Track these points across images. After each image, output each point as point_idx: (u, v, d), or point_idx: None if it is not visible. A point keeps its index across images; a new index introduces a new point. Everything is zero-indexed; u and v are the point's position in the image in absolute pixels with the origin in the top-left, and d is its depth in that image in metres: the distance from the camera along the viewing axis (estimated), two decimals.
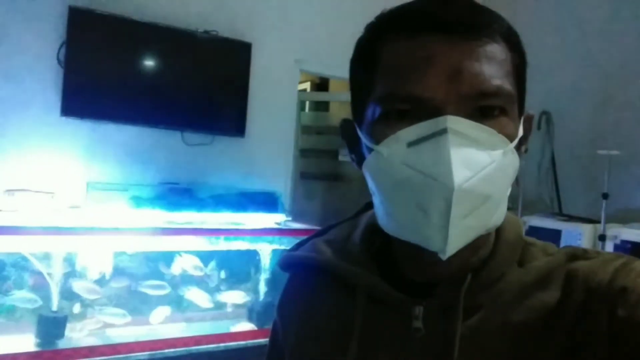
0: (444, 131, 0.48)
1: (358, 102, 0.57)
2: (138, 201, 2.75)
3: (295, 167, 3.82)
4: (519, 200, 3.31)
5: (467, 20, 0.50)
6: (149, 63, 2.95)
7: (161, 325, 2.70)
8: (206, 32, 3.06)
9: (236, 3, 3.24)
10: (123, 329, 2.58)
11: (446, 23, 0.50)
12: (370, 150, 0.53)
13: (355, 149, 0.58)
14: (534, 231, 3.04)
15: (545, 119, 3.43)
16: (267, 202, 3.11)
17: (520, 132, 0.54)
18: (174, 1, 3.04)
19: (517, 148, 0.53)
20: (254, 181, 3.27)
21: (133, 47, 2.89)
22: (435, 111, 0.49)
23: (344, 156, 4.04)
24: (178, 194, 2.93)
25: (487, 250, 0.56)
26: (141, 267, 2.71)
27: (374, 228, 0.59)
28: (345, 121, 0.61)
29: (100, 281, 2.56)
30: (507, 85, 0.51)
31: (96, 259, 2.58)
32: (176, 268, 2.74)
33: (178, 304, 2.82)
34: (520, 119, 0.55)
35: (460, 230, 0.48)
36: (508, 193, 0.54)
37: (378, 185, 0.54)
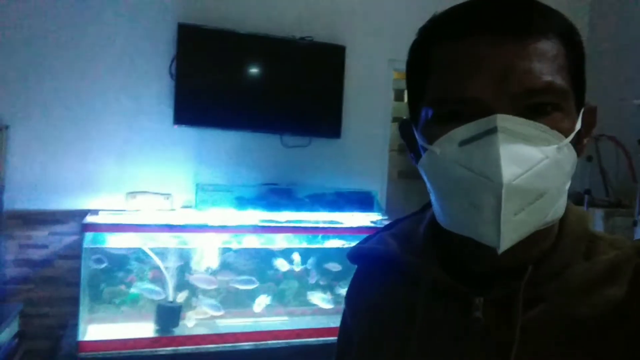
0: (494, 130, 0.48)
1: (413, 103, 0.59)
2: (242, 201, 2.93)
3: (391, 166, 3.82)
4: (637, 198, 3.04)
5: (516, 19, 0.50)
6: (251, 71, 3.12)
7: (264, 318, 2.86)
8: (302, 38, 3.17)
9: (329, 8, 3.32)
10: (229, 320, 2.78)
11: (494, 23, 0.50)
12: (425, 149, 0.55)
13: (414, 149, 0.61)
14: None
15: None
16: (363, 201, 3.16)
17: (579, 126, 0.53)
18: (271, 11, 3.18)
19: (578, 142, 0.53)
20: (350, 181, 3.34)
21: (236, 57, 3.06)
22: (486, 111, 0.49)
23: None
24: (278, 194, 3.08)
25: (550, 243, 0.56)
26: (245, 262, 2.90)
27: (437, 222, 0.60)
28: (403, 122, 0.63)
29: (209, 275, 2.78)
30: (559, 80, 0.50)
31: (205, 254, 2.80)
32: (278, 264, 2.89)
33: (280, 298, 2.97)
34: (578, 112, 0.54)
35: (514, 226, 0.48)
36: (567, 187, 0.53)
37: (432, 183, 0.56)
